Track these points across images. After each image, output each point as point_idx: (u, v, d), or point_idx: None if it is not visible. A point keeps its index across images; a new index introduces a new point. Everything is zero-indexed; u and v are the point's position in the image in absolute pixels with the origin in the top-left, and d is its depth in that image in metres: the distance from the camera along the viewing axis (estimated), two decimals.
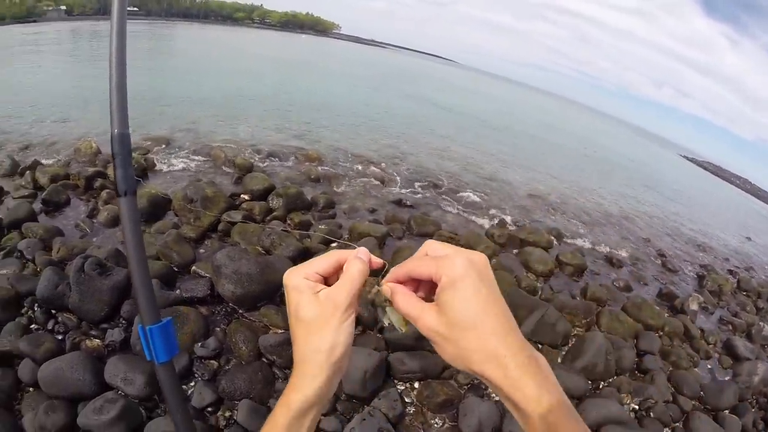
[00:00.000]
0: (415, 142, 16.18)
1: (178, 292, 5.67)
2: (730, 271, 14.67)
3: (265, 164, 10.03)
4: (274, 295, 5.88)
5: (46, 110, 13.77)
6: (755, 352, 9.14)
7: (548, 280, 8.34)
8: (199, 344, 5.02)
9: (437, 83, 51.61)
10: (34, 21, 67.39)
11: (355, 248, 0.76)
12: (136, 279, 0.98)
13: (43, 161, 9.63)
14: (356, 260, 0.73)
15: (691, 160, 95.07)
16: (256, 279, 5.59)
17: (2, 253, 6.31)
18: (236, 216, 7.42)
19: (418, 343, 5.47)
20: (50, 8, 78.15)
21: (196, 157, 10.14)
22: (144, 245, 1.00)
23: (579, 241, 10.92)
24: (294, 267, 0.75)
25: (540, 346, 6.29)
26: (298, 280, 0.72)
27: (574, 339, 6.63)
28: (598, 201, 15.96)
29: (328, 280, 0.75)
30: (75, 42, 42.22)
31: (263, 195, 8.37)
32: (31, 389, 4.38)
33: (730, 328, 9.99)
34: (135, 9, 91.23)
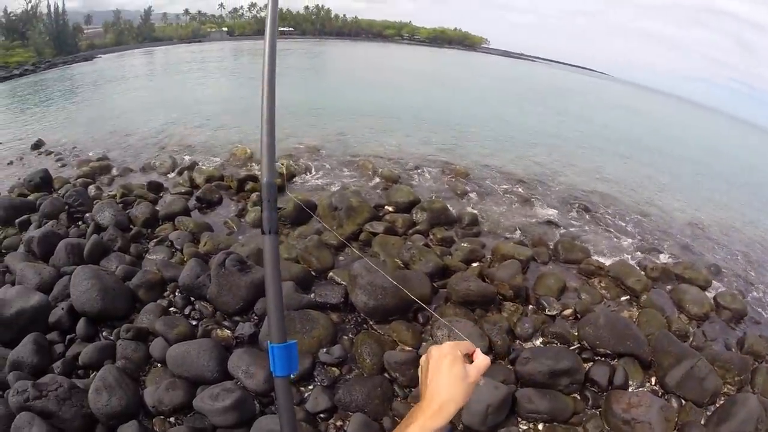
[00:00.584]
0: (566, 162, 15.39)
1: (312, 296, 6.04)
2: None
3: (411, 177, 10.19)
4: (407, 311, 5.93)
5: (207, 118, 15.38)
6: None
7: (702, 324, 7.33)
8: (324, 350, 5.27)
9: (590, 98, 48.74)
10: (199, 41, 77.14)
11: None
12: (270, 304, 1.16)
13: (200, 163, 10.73)
14: (485, 357, 1.13)
15: None
16: (390, 293, 5.68)
17: (155, 241, 7.28)
18: (378, 227, 7.60)
19: (553, 380, 5.22)
20: (213, 30, 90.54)
21: (344, 167, 10.61)
22: (280, 276, 1.20)
23: (741, 283, 9.51)
24: (453, 342, 1.14)
25: (683, 402, 5.59)
26: (458, 352, 1.10)
27: (722, 398, 5.79)
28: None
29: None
30: (235, 59, 46.52)
31: (407, 208, 8.48)
32: (158, 365, 4.96)
33: None
34: (291, 29, 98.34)
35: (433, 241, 7.68)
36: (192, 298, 6.02)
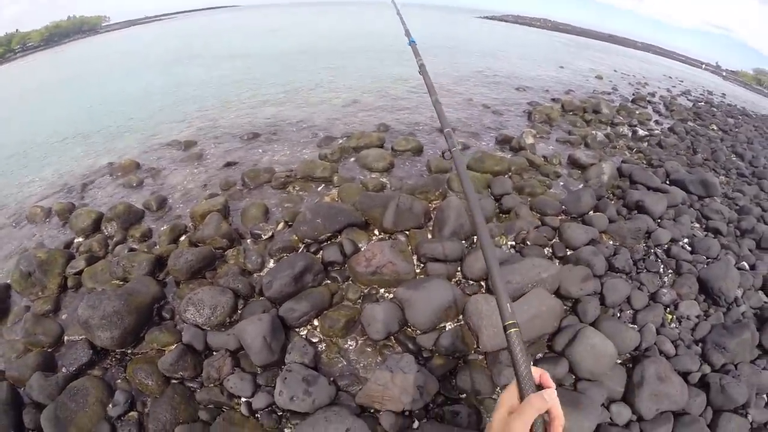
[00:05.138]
0: (222, 103, 15.41)
1: (63, 370, 5.22)
2: (553, 99, 16.46)
3: (84, 197, 9.10)
4: (150, 315, 5.64)
5: None
6: (597, 156, 10.52)
7: (391, 172, 8.77)
8: (111, 406, 4.75)
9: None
10: None
11: None
12: None
13: None
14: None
15: (491, 18, 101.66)
16: (125, 312, 5.27)
17: None
18: (79, 263, 6.80)
19: (301, 284, 5.70)
20: None
21: (12, 226, 8.88)
22: None
23: (405, 126, 11.54)
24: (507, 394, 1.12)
25: (407, 232, 6.73)
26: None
27: (434, 212, 7.11)
28: (411, 85, 16.65)
29: None
30: None
31: (95, 227, 7.73)
32: None
33: (568, 145, 11.32)
34: None
35: (136, 242, 7.23)
36: None
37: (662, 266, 6.77)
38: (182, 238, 7.21)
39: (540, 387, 1.10)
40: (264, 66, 21.67)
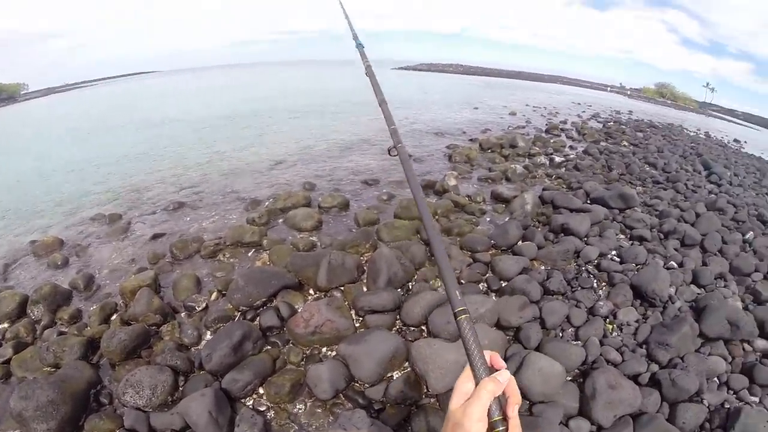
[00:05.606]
0: (146, 172, 14.97)
1: None
2: (471, 140, 17.13)
3: (8, 280, 8.57)
4: (87, 402, 5.29)
5: None
6: (519, 188, 10.94)
7: (320, 229, 8.78)
8: None
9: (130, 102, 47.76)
10: None
11: None
12: None
13: None
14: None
15: (406, 68, 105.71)
16: (60, 400, 4.93)
17: None
18: (6, 351, 6.36)
19: (240, 352, 5.53)
20: None
21: None
22: None
23: (330, 183, 11.67)
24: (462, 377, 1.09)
25: (342, 288, 6.72)
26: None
27: (366, 265, 7.16)
28: (332, 141, 16.95)
29: None
30: None
31: (21, 311, 7.26)
32: None
33: (490, 181, 11.71)
34: None
35: (65, 325, 6.86)
36: None
37: (595, 281, 7.04)
38: (113, 317, 6.89)
39: (493, 369, 1.10)
40: (187, 132, 21.53)
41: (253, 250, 8.24)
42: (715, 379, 5.37)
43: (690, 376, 4.96)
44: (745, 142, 31.26)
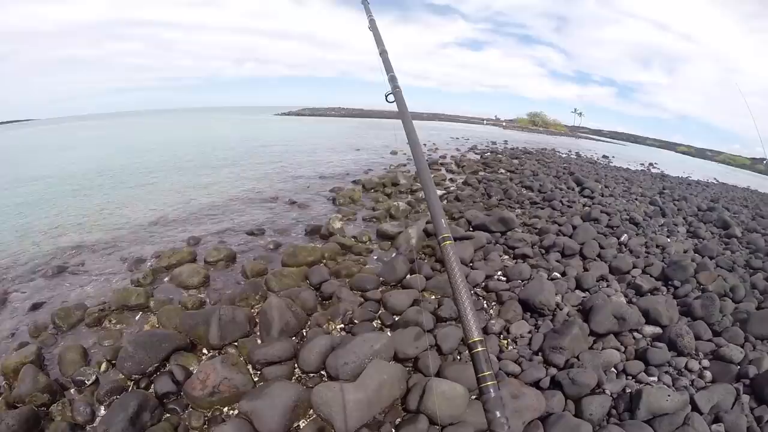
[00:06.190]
0: (18, 236, 13.61)
1: None
2: (354, 181, 17.61)
3: None
4: None
5: None
6: (403, 224, 11.27)
7: (208, 285, 8.54)
8: None
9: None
10: None
11: None
12: None
13: None
14: None
15: (288, 114, 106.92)
16: None
17: None
18: None
19: (138, 426, 5.16)
20: None
21: None
22: None
23: (214, 236, 11.39)
24: None
25: (236, 344, 6.59)
26: None
27: (258, 317, 7.10)
28: (213, 193, 16.62)
29: None
30: None
31: None
32: None
33: (375, 220, 12.06)
34: None
35: None
36: None
37: (485, 302, 7.52)
38: None
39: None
40: (61, 188, 19.95)
41: (141, 312, 7.87)
42: (613, 369, 5.93)
43: (588, 372, 5.45)
44: (613, 156, 34.42)
